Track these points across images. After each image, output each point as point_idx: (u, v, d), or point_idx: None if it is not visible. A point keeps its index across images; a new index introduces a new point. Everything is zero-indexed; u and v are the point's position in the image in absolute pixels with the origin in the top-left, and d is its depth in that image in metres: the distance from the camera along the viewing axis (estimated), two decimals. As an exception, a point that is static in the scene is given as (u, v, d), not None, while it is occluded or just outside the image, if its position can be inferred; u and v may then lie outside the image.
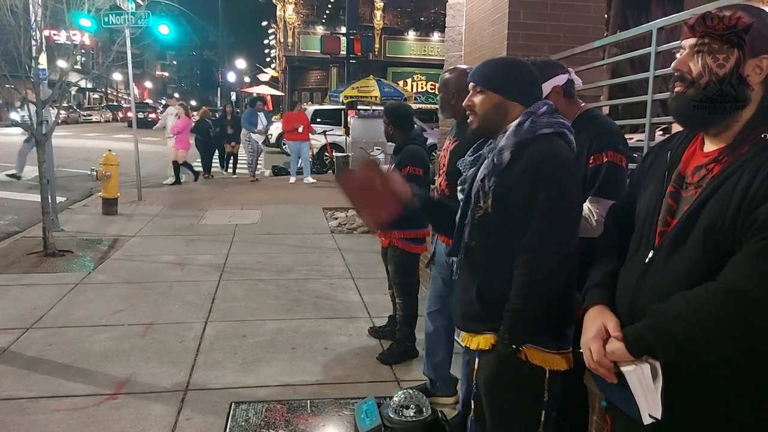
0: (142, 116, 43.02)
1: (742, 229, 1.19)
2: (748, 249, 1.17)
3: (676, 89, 1.34)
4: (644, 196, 1.47)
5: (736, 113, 1.29)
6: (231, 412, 3.11)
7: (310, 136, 13.25)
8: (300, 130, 12.16)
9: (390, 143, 3.86)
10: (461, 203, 1.92)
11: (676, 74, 1.34)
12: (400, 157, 3.61)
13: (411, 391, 3.01)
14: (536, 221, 1.70)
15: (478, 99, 1.88)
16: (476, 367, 1.85)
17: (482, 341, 1.82)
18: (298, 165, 12.70)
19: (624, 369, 1.31)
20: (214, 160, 13.84)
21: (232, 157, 13.78)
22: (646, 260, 1.37)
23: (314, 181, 12.33)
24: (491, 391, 1.82)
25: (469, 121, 1.92)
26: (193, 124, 12.41)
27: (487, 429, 1.87)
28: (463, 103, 1.92)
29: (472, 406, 1.90)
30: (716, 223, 1.23)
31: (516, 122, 1.81)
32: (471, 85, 1.91)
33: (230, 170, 13.76)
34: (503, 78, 1.87)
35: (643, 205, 1.46)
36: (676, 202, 1.36)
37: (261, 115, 12.24)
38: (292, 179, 12.40)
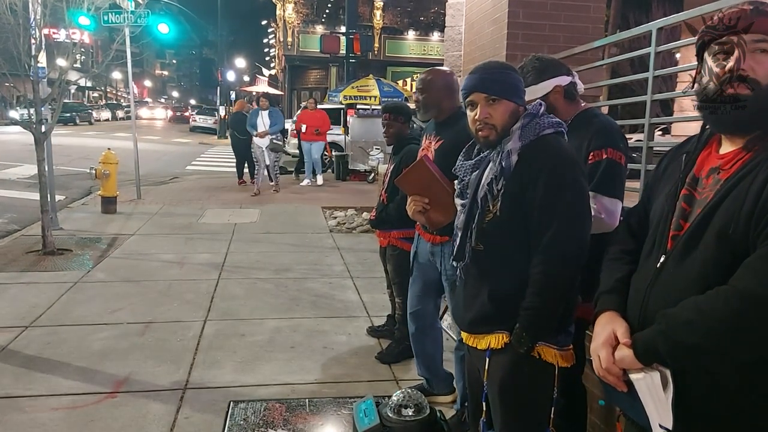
0: (179, 114, 43.74)
1: (756, 230, 1.15)
2: (761, 251, 1.13)
3: (729, 90, 1.24)
4: (658, 200, 1.44)
5: None
6: (230, 411, 3.11)
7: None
8: (318, 132, 11.50)
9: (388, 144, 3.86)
10: (465, 208, 1.90)
11: (733, 74, 1.24)
12: (400, 157, 3.61)
13: (410, 390, 3.01)
14: (557, 221, 1.72)
15: (495, 110, 1.81)
16: (486, 367, 1.84)
17: (493, 340, 1.82)
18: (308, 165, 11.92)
19: (633, 377, 1.28)
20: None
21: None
22: (658, 265, 1.33)
23: (320, 183, 11.74)
24: (506, 389, 1.82)
25: (482, 134, 1.84)
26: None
27: (499, 427, 1.87)
28: (477, 117, 1.83)
29: (484, 408, 1.89)
30: (729, 226, 1.19)
31: (519, 124, 1.81)
32: (481, 96, 1.82)
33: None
34: (512, 84, 1.86)
35: (657, 209, 1.43)
36: (690, 205, 1.32)
37: (264, 114, 10.41)
38: (305, 181, 11.78)
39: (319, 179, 11.86)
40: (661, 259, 1.33)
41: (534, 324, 1.74)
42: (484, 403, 1.89)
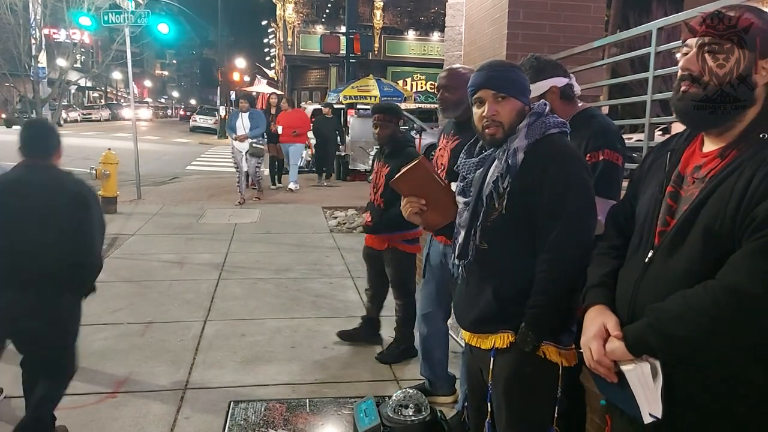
0: (188, 114, 43.65)
1: (741, 227, 1.19)
2: (746, 247, 1.17)
3: (682, 89, 1.32)
4: (644, 197, 1.48)
5: (741, 114, 1.28)
6: (230, 411, 3.11)
7: (310, 136, 13.12)
8: (296, 133, 10.62)
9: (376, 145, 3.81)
10: (468, 205, 1.89)
11: (683, 73, 1.32)
12: (401, 161, 3.57)
13: (410, 391, 3.01)
14: (564, 219, 1.72)
15: (502, 108, 1.81)
16: (491, 366, 1.83)
17: (498, 340, 1.81)
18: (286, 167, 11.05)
19: (624, 368, 1.32)
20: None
21: (276, 164, 11.46)
22: (646, 260, 1.37)
23: (296, 188, 10.86)
24: (511, 389, 1.81)
25: (489, 132, 1.83)
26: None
27: (503, 427, 1.85)
28: (485, 114, 1.82)
29: (489, 409, 1.88)
30: (715, 223, 1.23)
31: (525, 123, 1.81)
32: (489, 93, 1.82)
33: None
34: (520, 83, 1.86)
35: (643, 206, 1.47)
36: (676, 202, 1.36)
37: (244, 116, 9.24)
38: (292, 185, 10.88)
39: (293, 185, 10.91)
40: (649, 255, 1.37)
41: (540, 323, 1.74)
42: (489, 404, 1.87)
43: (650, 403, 1.28)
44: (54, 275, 2.51)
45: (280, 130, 10.56)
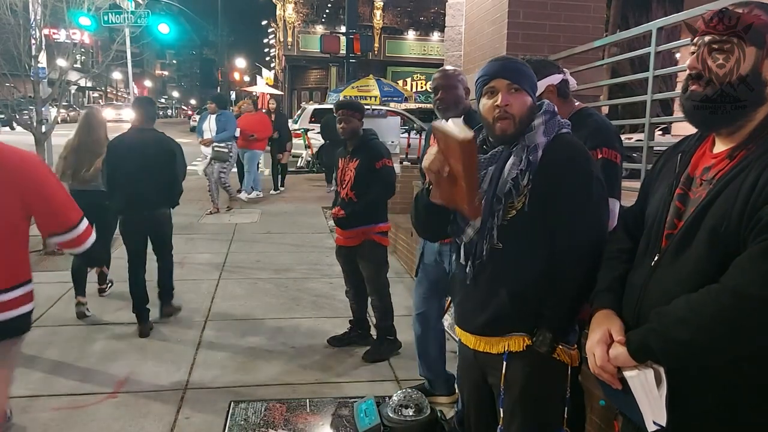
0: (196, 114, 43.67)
1: (747, 229, 1.16)
2: (751, 249, 1.14)
3: (691, 88, 1.29)
4: (654, 199, 1.45)
5: (750, 113, 1.25)
6: (230, 411, 3.11)
7: (311, 136, 13.09)
8: (253, 137, 9.76)
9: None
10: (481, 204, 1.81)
11: (691, 72, 1.29)
12: (371, 153, 3.63)
13: (410, 391, 3.02)
14: (583, 219, 1.70)
15: (515, 99, 1.75)
16: (504, 371, 1.78)
17: (512, 343, 1.77)
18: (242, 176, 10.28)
19: (627, 374, 1.29)
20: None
21: (279, 167, 10.92)
22: (653, 263, 1.34)
23: (246, 198, 9.89)
24: (527, 393, 1.77)
25: (500, 126, 1.77)
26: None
27: (514, 430, 1.81)
28: (498, 103, 1.75)
29: (502, 415, 1.82)
30: (722, 224, 1.20)
31: (542, 120, 1.78)
32: (504, 83, 1.75)
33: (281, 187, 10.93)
34: (532, 80, 1.82)
35: (652, 208, 1.44)
36: (684, 204, 1.33)
37: (211, 119, 8.52)
38: (243, 195, 9.89)
39: (253, 194, 10.10)
40: (656, 258, 1.34)
41: (559, 324, 1.72)
42: (501, 409, 1.82)
43: (654, 411, 1.24)
44: (158, 197, 4.21)
45: (237, 132, 9.63)
